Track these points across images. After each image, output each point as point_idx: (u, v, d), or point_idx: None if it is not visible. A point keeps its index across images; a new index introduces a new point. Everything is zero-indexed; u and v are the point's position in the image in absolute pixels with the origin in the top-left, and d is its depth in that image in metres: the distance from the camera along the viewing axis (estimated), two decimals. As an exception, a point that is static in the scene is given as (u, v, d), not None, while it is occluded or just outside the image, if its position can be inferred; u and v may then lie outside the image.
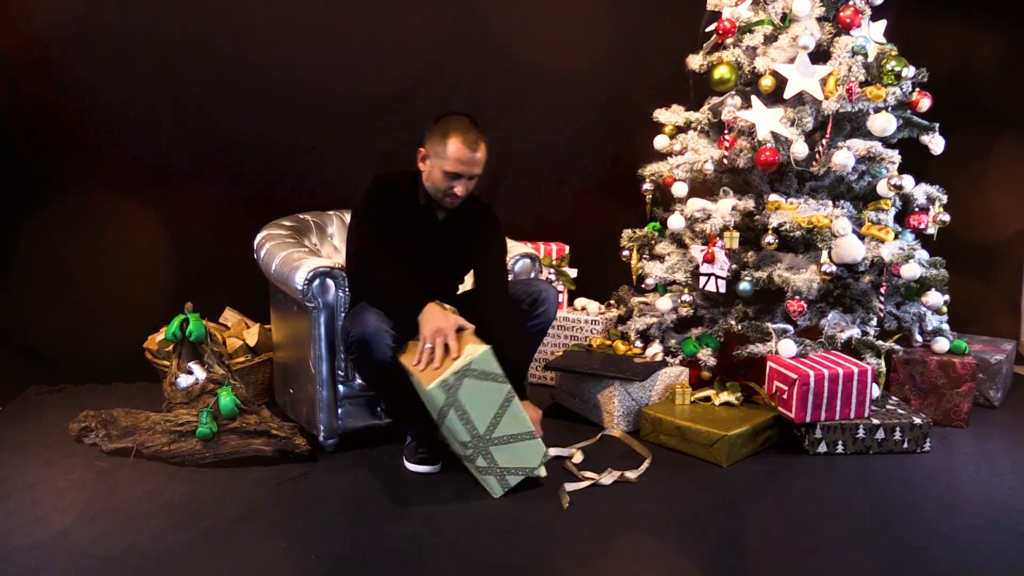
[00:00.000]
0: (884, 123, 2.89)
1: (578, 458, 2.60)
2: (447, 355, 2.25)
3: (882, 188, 2.99)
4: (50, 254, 3.36)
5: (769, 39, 3.05)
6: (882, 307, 2.94)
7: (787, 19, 3.02)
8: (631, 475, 2.46)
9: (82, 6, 3.23)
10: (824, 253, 2.79)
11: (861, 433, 2.70)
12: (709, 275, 2.95)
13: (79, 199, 3.34)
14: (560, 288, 3.49)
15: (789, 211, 2.88)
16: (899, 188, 2.93)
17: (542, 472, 2.39)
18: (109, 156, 3.36)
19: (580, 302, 3.52)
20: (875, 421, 2.71)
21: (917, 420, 2.72)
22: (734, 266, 2.99)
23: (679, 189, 3.15)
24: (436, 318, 2.29)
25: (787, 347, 2.83)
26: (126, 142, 3.37)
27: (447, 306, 2.38)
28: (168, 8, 3.31)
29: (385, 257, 2.43)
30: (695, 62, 3.26)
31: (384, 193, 2.51)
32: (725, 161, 3.02)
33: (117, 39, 3.27)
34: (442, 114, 2.47)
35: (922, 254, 2.98)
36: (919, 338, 3.11)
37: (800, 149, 2.88)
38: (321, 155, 3.54)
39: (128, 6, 3.27)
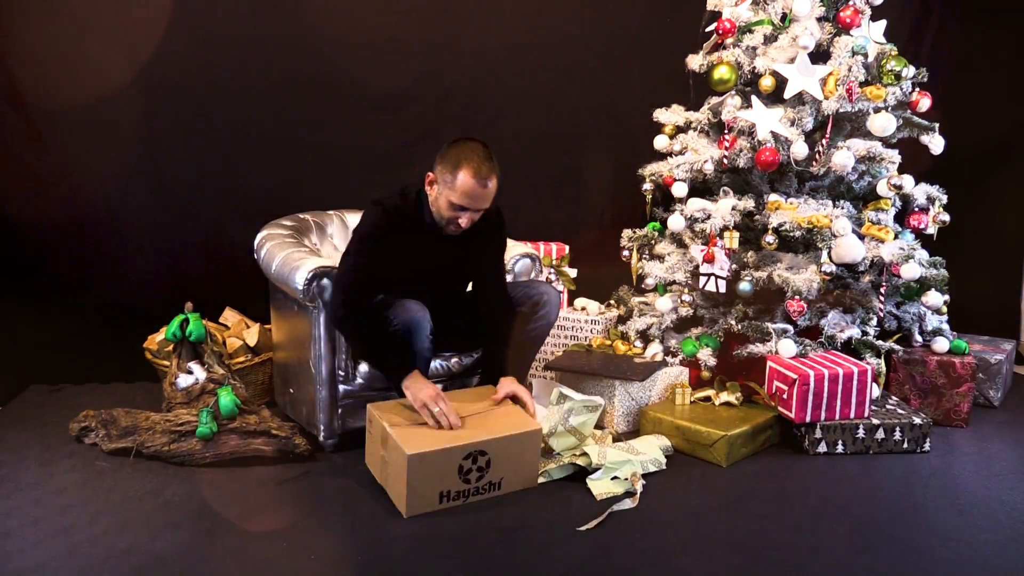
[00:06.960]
0: (884, 123, 2.89)
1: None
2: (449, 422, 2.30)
3: (882, 188, 2.99)
4: (50, 254, 3.36)
5: (769, 39, 3.05)
6: (882, 307, 2.94)
7: (787, 19, 3.03)
8: (631, 475, 2.46)
9: (82, 5, 3.23)
10: (824, 253, 2.79)
11: (861, 433, 2.70)
12: (709, 275, 2.95)
13: (78, 199, 3.34)
14: (560, 288, 3.48)
15: (789, 211, 2.88)
16: (899, 188, 2.93)
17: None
18: (108, 156, 3.35)
19: (580, 302, 3.52)
20: (875, 421, 2.71)
21: (917, 420, 2.72)
22: (734, 266, 2.99)
23: (679, 189, 3.15)
24: (425, 385, 2.35)
25: (787, 347, 2.83)
26: (125, 141, 3.36)
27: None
28: (168, 7, 3.31)
29: (378, 288, 2.45)
30: (695, 62, 3.26)
31: (391, 223, 2.43)
32: (725, 161, 3.02)
33: (117, 38, 3.27)
34: (457, 139, 2.38)
35: (922, 254, 2.98)
36: (919, 338, 3.12)
37: (800, 149, 2.88)
38: (321, 155, 3.54)
39: (128, 5, 3.27)
